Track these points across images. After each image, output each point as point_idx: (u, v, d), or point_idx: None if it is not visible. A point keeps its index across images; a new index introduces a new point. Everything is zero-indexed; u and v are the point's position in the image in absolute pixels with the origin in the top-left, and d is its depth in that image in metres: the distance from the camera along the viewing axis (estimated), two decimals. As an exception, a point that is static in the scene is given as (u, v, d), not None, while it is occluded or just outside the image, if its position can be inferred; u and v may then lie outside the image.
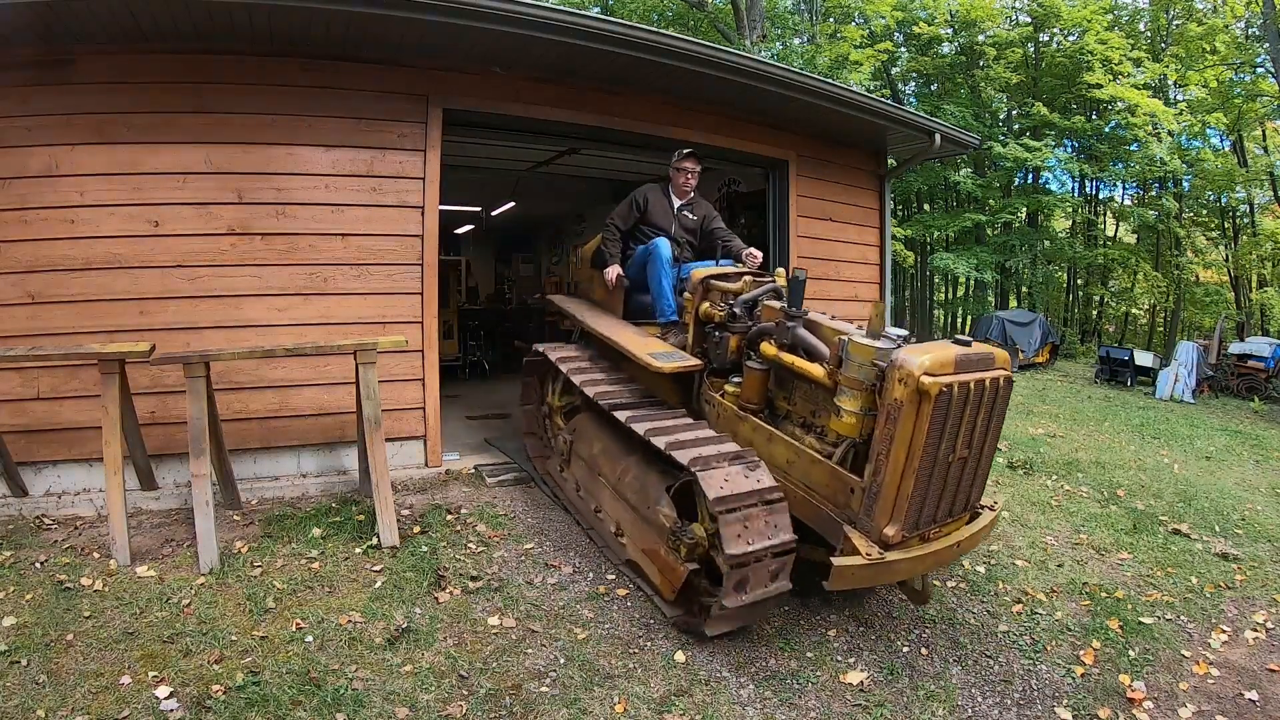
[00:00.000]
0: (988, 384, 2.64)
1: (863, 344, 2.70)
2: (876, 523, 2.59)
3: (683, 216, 4.56)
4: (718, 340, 3.49)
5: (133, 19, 3.73)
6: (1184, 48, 16.61)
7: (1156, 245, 18.88)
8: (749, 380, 3.27)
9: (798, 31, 18.77)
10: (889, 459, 2.54)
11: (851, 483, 2.69)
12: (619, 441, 3.62)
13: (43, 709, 2.28)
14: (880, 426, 2.58)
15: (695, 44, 4.93)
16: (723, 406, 3.39)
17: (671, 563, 2.97)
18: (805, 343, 3.04)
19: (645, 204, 4.46)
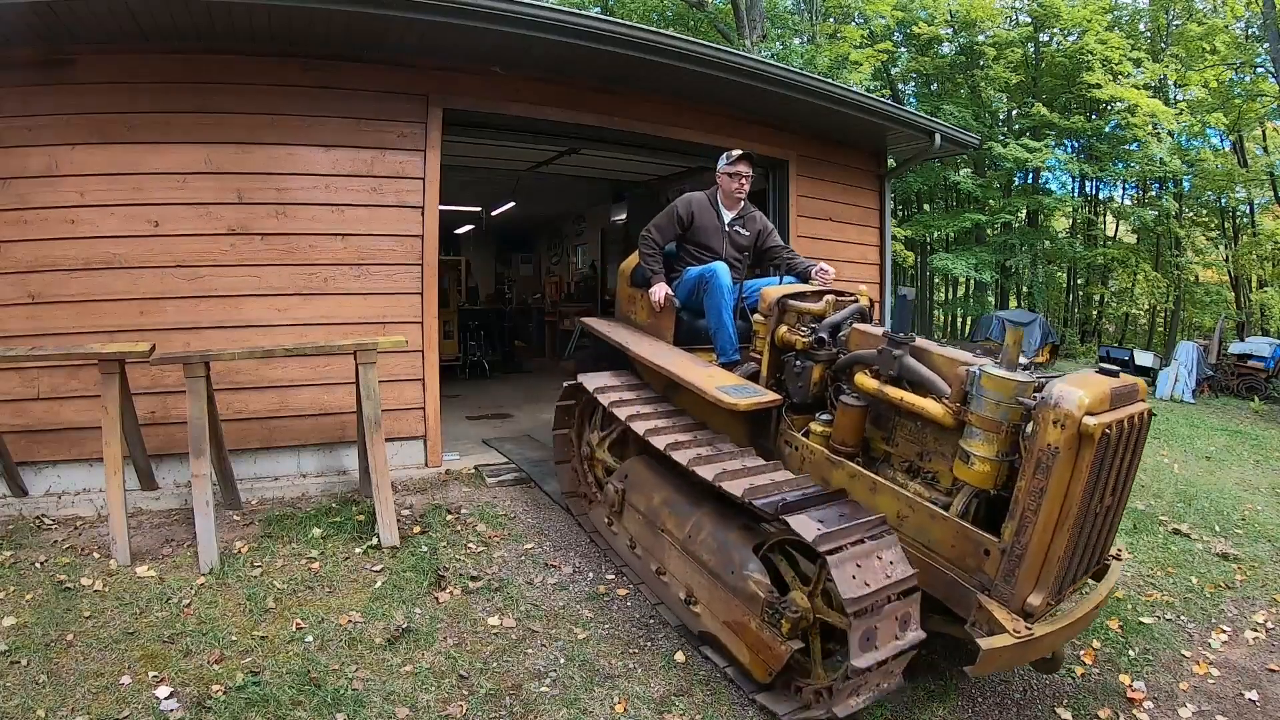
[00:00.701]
0: (1135, 420, 2.30)
1: (1001, 377, 2.28)
2: (1019, 590, 2.19)
3: (735, 233, 3.98)
4: (799, 370, 3.01)
5: (133, 19, 3.74)
6: (1184, 48, 16.61)
7: (1156, 245, 18.88)
8: (844, 418, 2.79)
9: (798, 31, 18.76)
10: (1038, 515, 2.13)
11: (986, 543, 2.27)
12: (685, 491, 3.09)
13: (43, 709, 2.28)
14: (1027, 476, 2.17)
15: (695, 44, 4.93)
16: (809, 449, 2.91)
17: (767, 640, 2.48)
18: (916, 374, 2.59)
19: (690, 218, 3.88)
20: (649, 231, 3.91)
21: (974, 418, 2.33)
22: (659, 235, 3.91)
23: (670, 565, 3.05)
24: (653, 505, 3.20)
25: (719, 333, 3.57)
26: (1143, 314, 22.16)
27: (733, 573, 2.64)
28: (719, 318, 3.55)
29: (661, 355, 3.56)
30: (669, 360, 3.46)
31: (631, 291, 4.21)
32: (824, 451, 2.85)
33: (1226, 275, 18.69)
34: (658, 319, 3.91)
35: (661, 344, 3.78)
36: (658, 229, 3.91)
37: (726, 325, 3.53)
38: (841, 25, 17.47)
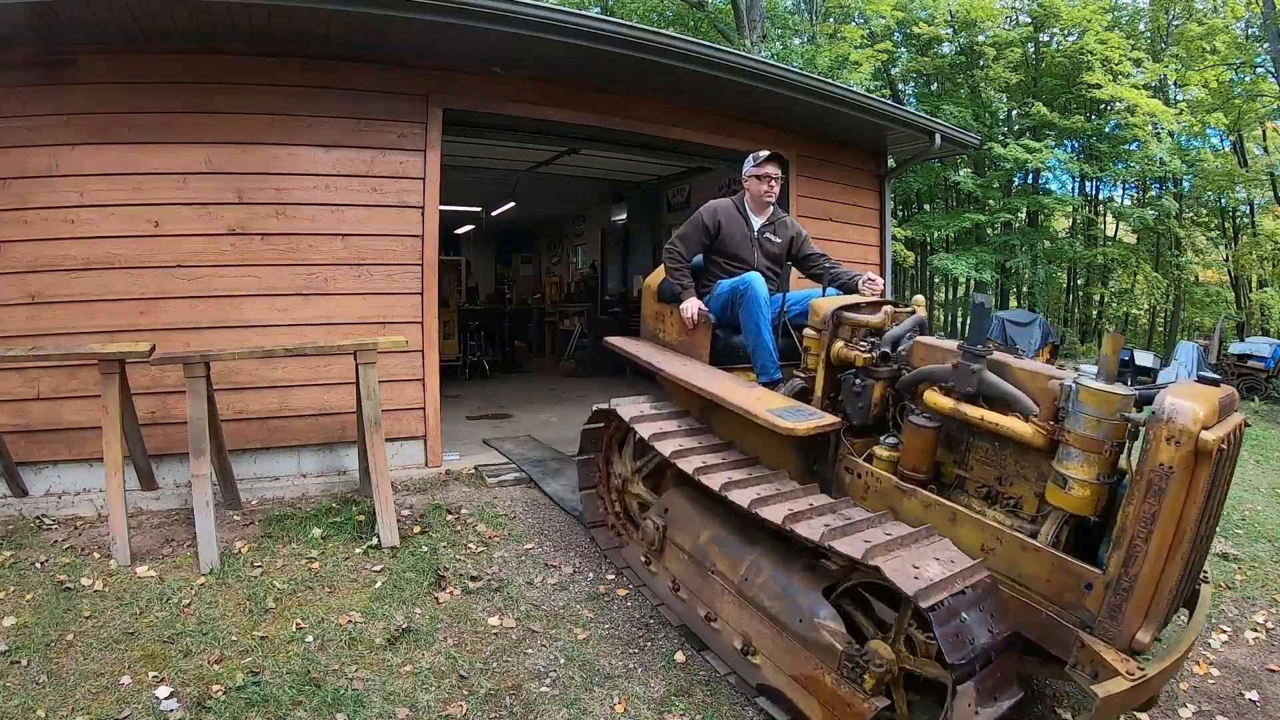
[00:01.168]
0: (1238, 432, 2.14)
1: (1103, 391, 2.07)
2: (1126, 626, 1.99)
3: (765, 241, 3.69)
4: (859, 389, 2.75)
5: (133, 19, 3.74)
6: (1184, 48, 16.61)
7: (1156, 245, 18.88)
8: (916, 441, 2.53)
9: (798, 31, 18.77)
10: (1149, 543, 1.93)
11: (1088, 576, 2.07)
12: (736, 526, 2.80)
13: (43, 709, 2.28)
14: (1136, 501, 1.96)
15: (695, 44, 4.93)
16: (875, 476, 2.65)
17: (846, 697, 2.21)
18: (998, 390, 2.36)
19: (717, 227, 3.59)
20: (674, 244, 3.61)
21: (1072, 437, 2.12)
22: (685, 247, 3.60)
23: (722, 611, 2.74)
24: (699, 544, 2.89)
25: (758, 350, 3.26)
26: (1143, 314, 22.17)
27: (801, 621, 2.36)
28: (757, 333, 3.23)
29: (699, 377, 3.21)
30: (709, 382, 3.11)
31: (659, 308, 3.87)
32: (892, 479, 2.58)
33: (1226, 275, 18.69)
34: (690, 337, 3.57)
35: (696, 364, 3.44)
36: (683, 240, 3.60)
37: (766, 341, 3.22)
38: (841, 25, 17.47)
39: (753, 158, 3.65)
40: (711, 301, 3.54)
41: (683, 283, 3.54)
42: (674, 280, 3.58)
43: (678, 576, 3.03)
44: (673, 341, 3.75)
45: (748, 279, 3.30)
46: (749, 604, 2.60)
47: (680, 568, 3.02)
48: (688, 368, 3.36)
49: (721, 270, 3.64)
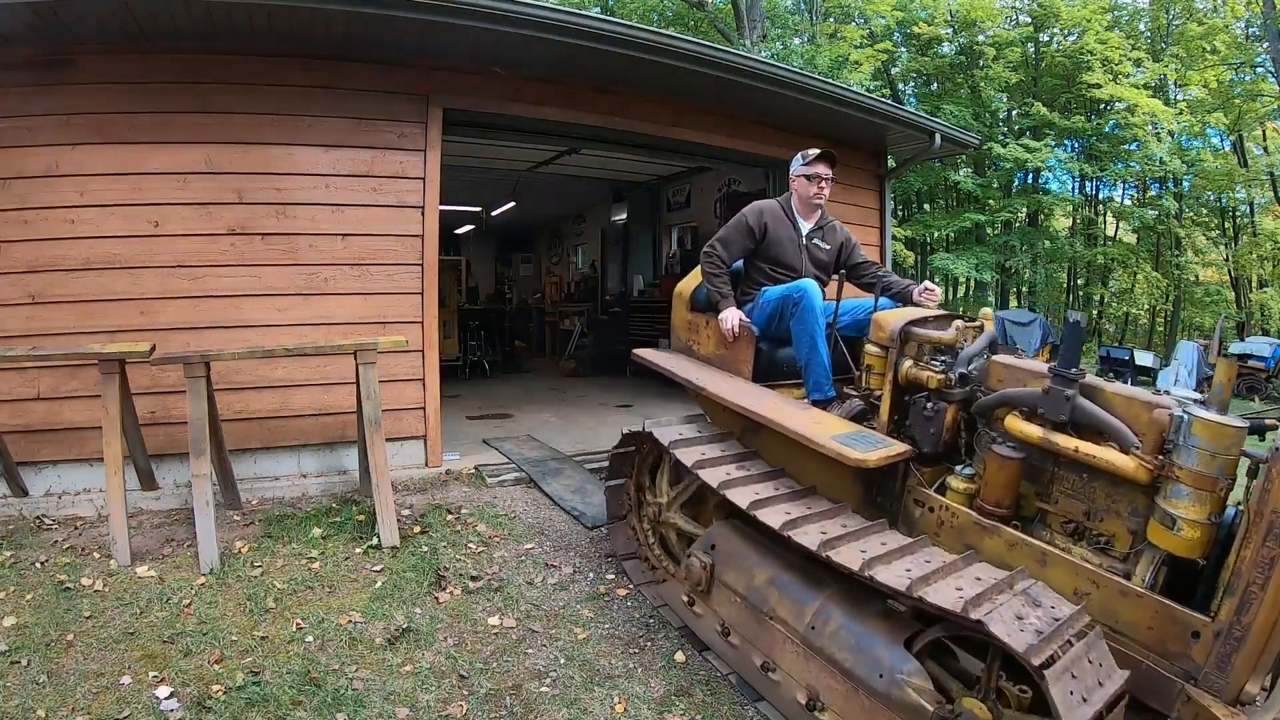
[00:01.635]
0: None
1: (1219, 423, 1.91)
2: (1235, 678, 1.84)
3: (814, 247, 3.42)
4: (931, 414, 2.50)
5: (133, 19, 3.74)
6: (1184, 48, 16.62)
7: (1156, 245, 18.89)
8: (1000, 473, 2.30)
9: (798, 31, 18.77)
10: (1267, 589, 1.79)
11: (1195, 624, 1.91)
12: (798, 566, 2.54)
13: (43, 709, 2.28)
14: (1255, 544, 1.82)
15: (695, 44, 4.93)
16: (950, 511, 2.40)
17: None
18: (1094, 419, 2.15)
19: (763, 230, 3.31)
20: (713, 247, 3.33)
21: (1183, 473, 1.93)
22: (726, 251, 3.31)
23: (783, 661, 2.47)
24: (755, 586, 2.60)
25: (812, 365, 2.97)
26: (1143, 314, 22.18)
27: (881, 676, 2.13)
28: (812, 347, 2.94)
29: (747, 397, 2.91)
30: (759, 404, 2.83)
31: (692, 318, 3.56)
32: (970, 514, 2.34)
33: (1226, 275, 18.70)
34: (731, 350, 3.27)
35: (739, 381, 3.15)
36: (724, 244, 3.32)
37: (822, 356, 2.95)
38: (841, 25, 17.48)
39: (801, 156, 3.40)
40: (755, 311, 3.27)
41: (722, 290, 3.25)
42: (712, 287, 3.30)
43: (728, 620, 2.71)
44: (709, 355, 3.44)
45: (802, 287, 3.00)
46: (816, 655, 2.34)
47: (731, 611, 2.70)
48: (731, 386, 3.05)
49: (766, 277, 3.35)
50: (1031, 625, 1.84)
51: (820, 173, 3.35)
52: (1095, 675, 1.82)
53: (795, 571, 2.53)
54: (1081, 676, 1.79)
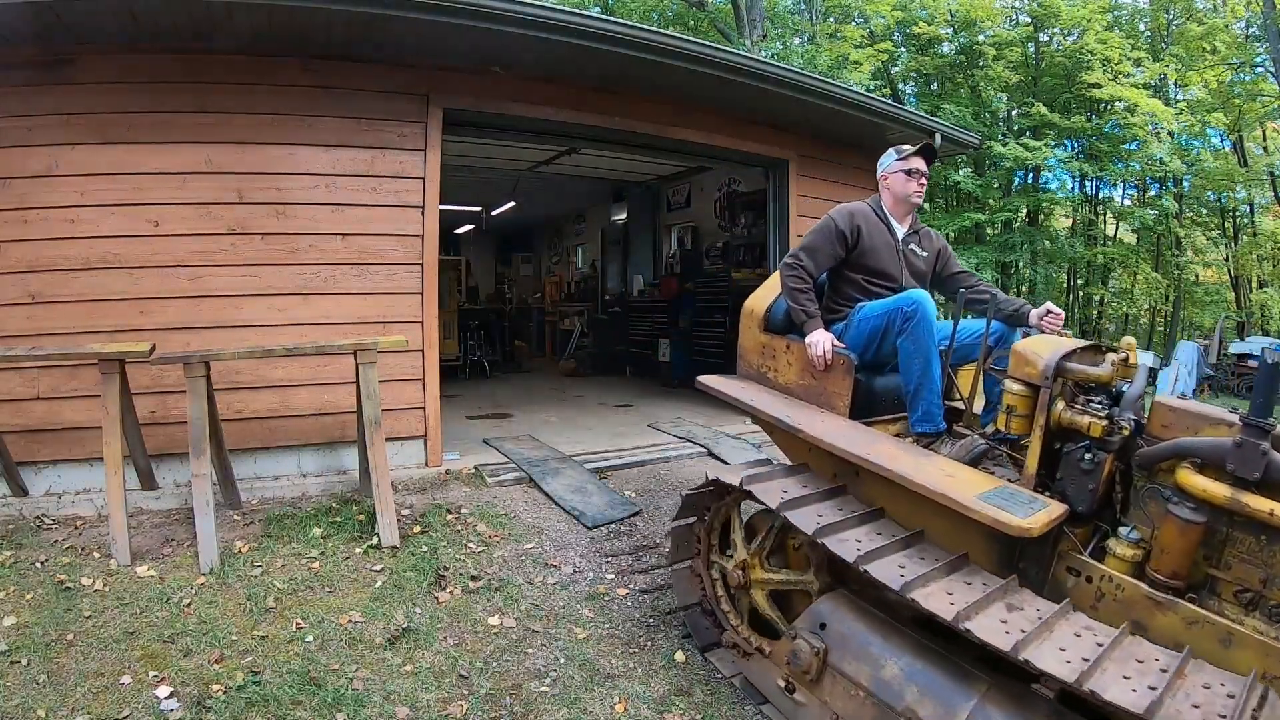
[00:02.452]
0: None
1: None
2: None
3: (911, 254, 3.01)
4: (1089, 466, 2.10)
5: (133, 19, 3.74)
6: (1184, 47, 16.61)
7: (1156, 245, 18.89)
8: (1177, 538, 1.96)
9: (798, 31, 18.78)
10: None
11: None
12: (940, 653, 2.12)
13: (43, 709, 2.28)
14: None
15: (695, 44, 4.93)
16: (1113, 582, 2.00)
17: None
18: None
19: (856, 235, 2.88)
20: (796, 259, 2.87)
21: None
22: (812, 262, 2.85)
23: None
24: (884, 679, 2.15)
25: (923, 391, 2.56)
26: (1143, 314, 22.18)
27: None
28: (924, 370, 2.54)
29: (858, 442, 2.46)
30: (874, 450, 2.38)
31: (768, 341, 3.07)
32: (1139, 586, 1.96)
33: (1226, 275, 18.70)
34: (822, 380, 2.80)
35: (835, 419, 2.69)
36: (810, 254, 2.87)
37: (936, 381, 2.57)
38: (841, 25, 17.48)
39: (896, 150, 3.01)
40: (848, 332, 2.83)
41: (808, 309, 2.79)
42: (796, 305, 2.81)
43: (845, 716, 2.24)
44: (789, 384, 2.95)
45: (916, 299, 2.57)
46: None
47: (852, 706, 2.22)
48: (831, 426, 2.61)
49: (859, 290, 2.90)
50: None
51: (918, 167, 2.96)
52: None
53: (932, 658, 2.10)
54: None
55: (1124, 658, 1.74)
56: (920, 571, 2.05)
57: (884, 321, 2.69)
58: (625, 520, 4.13)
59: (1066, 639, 1.81)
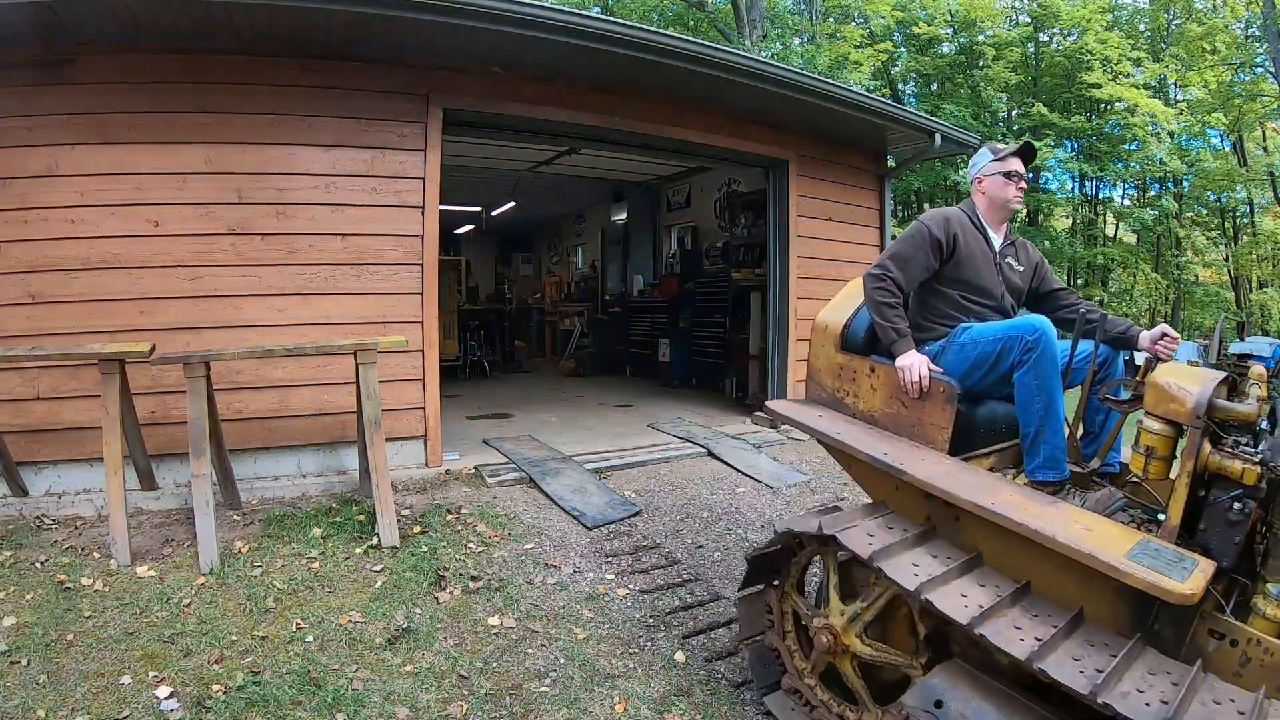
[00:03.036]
0: None
1: None
2: None
3: (1007, 267, 2.68)
4: (1236, 517, 1.87)
5: (133, 19, 3.74)
6: (1184, 48, 16.63)
7: (1156, 245, 18.90)
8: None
9: (798, 31, 18.78)
10: None
11: None
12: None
13: (43, 709, 2.28)
14: None
15: (695, 44, 4.93)
16: (1262, 647, 1.77)
17: None
18: None
19: (953, 243, 2.53)
20: (884, 269, 2.51)
21: None
22: (903, 274, 2.51)
23: None
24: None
25: (1046, 434, 2.25)
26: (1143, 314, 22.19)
27: None
28: (1048, 410, 2.24)
29: (972, 486, 2.13)
30: (998, 500, 2.03)
31: (845, 361, 2.70)
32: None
33: (1226, 275, 18.71)
34: (914, 410, 2.45)
35: (935, 455, 2.35)
36: (900, 264, 2.51)
37: (1060, 424, 2.28)
38: (841, 25, 17.49)
39: (990, 150, 2.69)
40: (948, 355, 2.49)
41: (899, 327, 2.47)
42: (885, 322, 2.47)
43: None
44: (873, 412, 2.60)
45: (1038, 326, 2.27)
46: None
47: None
48: (937, 467, 2.25)
49: (954, 307, 2.58)
50: None
51: (1019, 169, 2.63)
52: None
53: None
54: None
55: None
56: (1042, 635, 1.81)
57: (996, 349, 2.35)
58: (625, 520, 4.14)
59: (1216, 710, 1.63)
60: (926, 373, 2.38)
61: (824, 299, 6.85)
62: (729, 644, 2.93)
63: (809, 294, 6.56)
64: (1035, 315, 2.39)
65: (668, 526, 4.12)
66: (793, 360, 6.46)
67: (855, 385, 2.68)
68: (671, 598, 3.30)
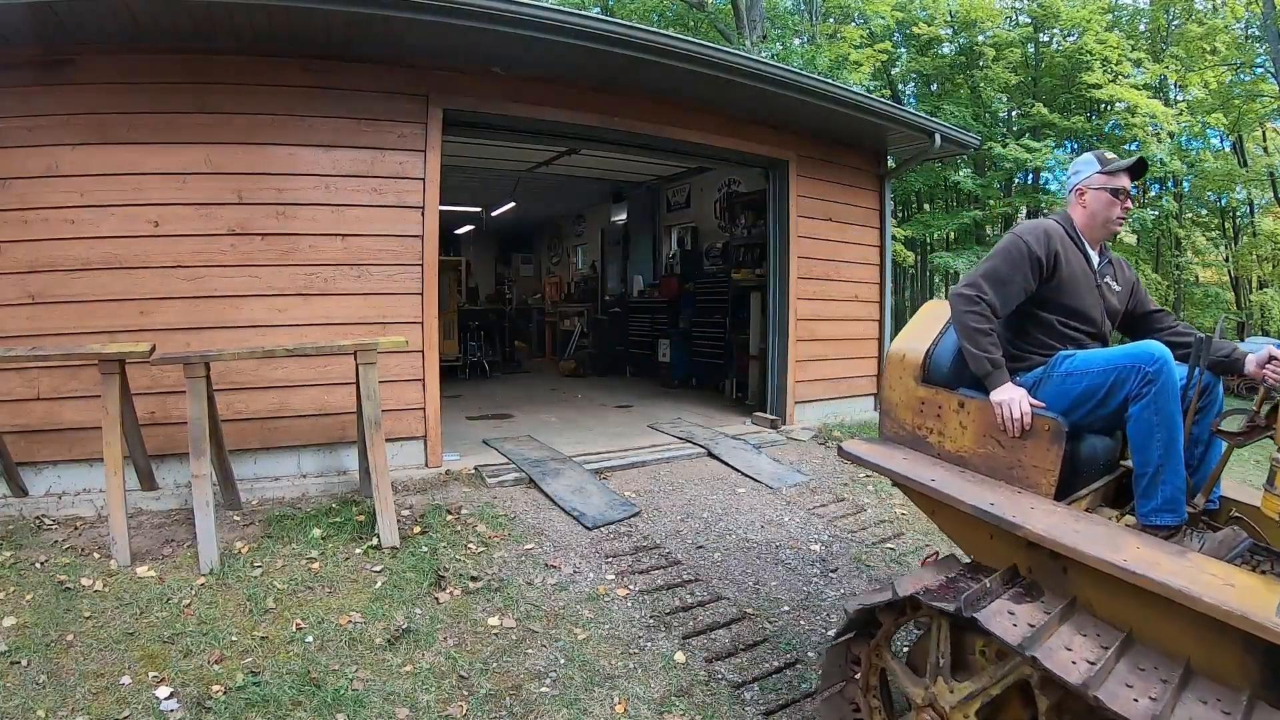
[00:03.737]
0: None
1: None
2: None
3: (1106, 288, 2.43)
4: None
5: (133, 19, 3.74)
6: (1184, 48, 16.63)
7: (1156, 246, 18.89)
8: None
9: (798, 32, 18.78)
10: None
11: None
12: None
13: (43, 709, 2.28)
14: None
15: (695, 44, 4.93)
16: None
17: None
18: None
19: (1054, 262, 2.27)
20: (978, 289, 2.23)
21: None
22: (998, 296, 2.23)
23: None
24: None
25: (1167, 473, 2.00)
26: (1143, 314, 22.19)
27: None
28: (1168, 446, 1.99)
29: (1094, 539, 1.85)
30: (1128, 556, 1.78)
31: (928, 394, 2.42)
32: None
33: (1226, 275, 18.71)
34: (1013, 450, 2.20)
35: (1043, 502, 2.08)
36: (996, 284, 2.24)
37: (1181, 462, 2.02)
38: (841, 25, 17.50)
39: (1097, 159, 2.41)
40: (1048, 386, 2.22)
41: (994, 357, 2.21)
42: (979, 350, 2.21)
43: None
44: (964, 452, 2.33)
45: (1158, 355, 2.00)
46: None
47: None
48: (1054, 519, 1.97)
49: (1052, 334, 2.31)
50: None
51: (1125, 186, 2.38)
52: None
53: None
54: None
55: None
56: (1161, 695, 1.62)
57: (1108, 381, 2.08)
58: (625, 521, 4.14)
59: None
60: (1029, 409, 2.12)
61: (825, 299, 6.83)
62: (729, 644, 2.93)
63: (809, 294, 6.56)
64: (1149, 341, 2.12)
65: (668, 527, 4.12)
66: (793, 360, 6.46)
67: (941, 422, 2.40)
68: (671, 598, 3.30)
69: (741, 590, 3.43)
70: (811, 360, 6.63)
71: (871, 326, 7.27)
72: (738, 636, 3.01)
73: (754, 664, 2.81)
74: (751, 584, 3.49)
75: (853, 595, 2.96)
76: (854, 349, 7.10)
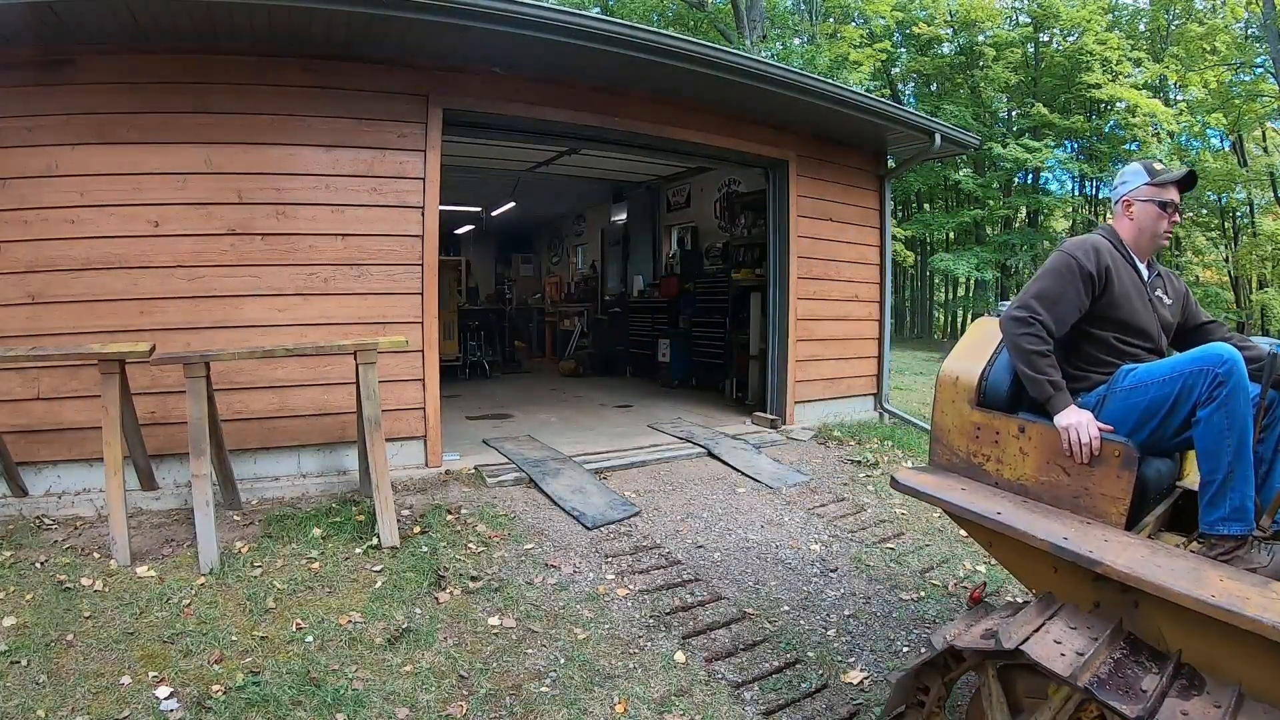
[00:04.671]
0: None
1: None
2: None
3: (1158, 301, 2.36)
4: None
5: (133, 19, 3.74)
6: (1184, 48, 16.64)
7: (1156, 245, 18.92)
8: None
9: (798, 31, 18.79)
10: None
11: None
12: None
13: (43, 709, 2.28)
14: None
15: (695, 44, 4.93)
16: None
17: None
18: None
19: (1105, 278, 2.20)
20: (1032, 310, 2.15)
21: None
22: (1052, 315, 2.15)
23: None
24: None
25: (1235, 481, 1.90)
26: (1143, 314, 22.21)
27: None
28: (1238, 453, 1.89)
29: (1175, 573, 1.73)
30: (1216, 590, 1.65)
31: (985, 419, 2.31)
32: None
33: (1226, 276, 18.72)
34: (1080, 478, 2.08)
35: (1115, 533, 1.96)
36: (1049, 303, 2.16)
37: (1250, 468, 1.92)
38: (841, 25, 17.50)
39: (1145, 169, 2.31)
40: (1110, 405, 2.12)
41: (1054, 379, 2.12)
42: (1039, 373, 2.12)
43: None
44: (1025, 480, 2.21)
45: (1227, 357, 1.89)
46: None
47: None
48: (1132, 552, 1.85)
49: (1110, 351, 2.24)
50: None
51: (1174, 200, 2.29)
52: None
53: None
54: None
55: None
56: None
57: (1175, 389, 1.96)
58: (625, 521, 4.14)
59: None
60: (1097, 433, 2.00)
61: (825, 299, 6.83)
62: (729, 644, 2.93)
63: (809, 294, 6.56)
64: (1216, 344, 2.01)
65: (668, 527, 4.12)
66: (792, 360, 6.46)
67: (999, 449, 2.27)
68: (671, 598, 3.30)
69: (741, 590, 3.43)
70: (811, 360, 6.63)
71: (871, 326, 7.27)
72: (738, 636, 3.01)
73: (754, 664, 2.81)
74: (751, 584, 3.49)
75: (938, 625, 2.68)
76: (854, 349, 7.11)
